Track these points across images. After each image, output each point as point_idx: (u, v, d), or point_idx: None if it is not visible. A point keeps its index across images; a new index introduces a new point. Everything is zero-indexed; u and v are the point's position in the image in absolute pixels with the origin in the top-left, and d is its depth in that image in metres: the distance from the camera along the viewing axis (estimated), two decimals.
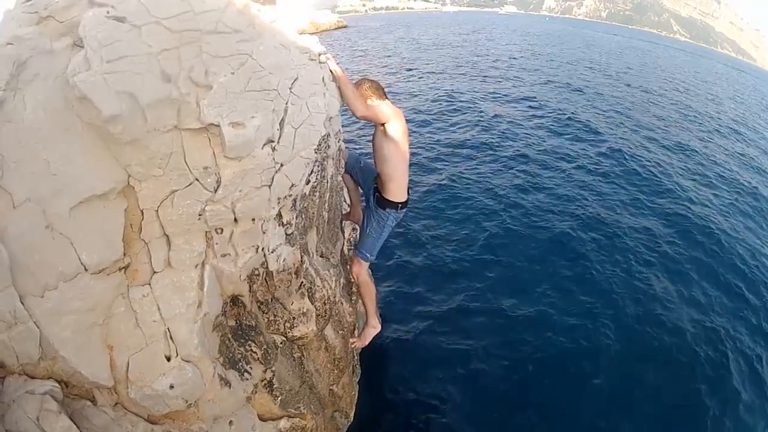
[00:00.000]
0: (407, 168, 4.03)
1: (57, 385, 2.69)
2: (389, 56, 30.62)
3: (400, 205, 4.08)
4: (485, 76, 25.09)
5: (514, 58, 33.54)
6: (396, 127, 3.85)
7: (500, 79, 25.02)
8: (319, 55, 3.74)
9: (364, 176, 4.35)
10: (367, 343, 4.71)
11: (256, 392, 3.39)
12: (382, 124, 3.86)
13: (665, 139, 16.98)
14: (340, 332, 4.34)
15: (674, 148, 16.06)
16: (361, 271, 4.41)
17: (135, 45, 2.95)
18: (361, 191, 4.61)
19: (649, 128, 18.47)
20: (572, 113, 18.41)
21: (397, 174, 3.97)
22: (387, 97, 4.03)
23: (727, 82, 43.78)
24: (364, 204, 4.54)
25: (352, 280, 4.70)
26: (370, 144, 4.12)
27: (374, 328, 4.69)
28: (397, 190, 4.01)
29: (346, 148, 4.38)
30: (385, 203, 4.07)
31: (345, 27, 56.67)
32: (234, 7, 3.33)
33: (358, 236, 5.12)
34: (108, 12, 2.97)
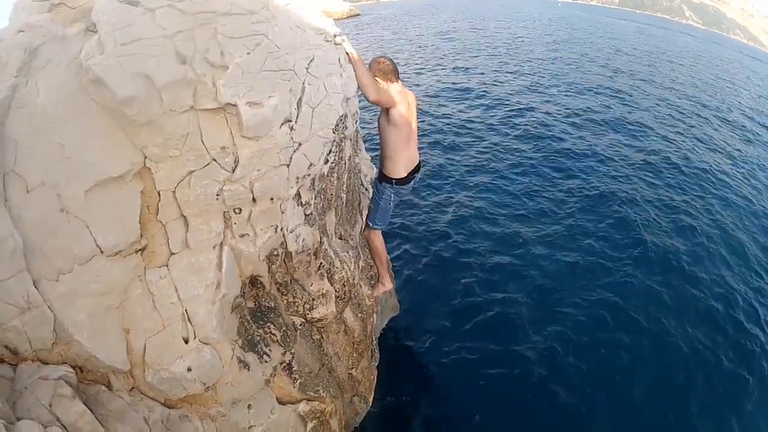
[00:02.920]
0: (408, 148, 3.90)
1: (71, 370, 2.44)
2: (402, 45, 29.09)
3: (395, 181, 3.94)
4: (498, 63, 23.77)
5: (525, 43, 31.57)
6: (400, 113, 3.67)
7: (511, 62, 24.03)
8: (335, 36, 3.43)
9: None
10: (375, 295, 4.70)
11: (275, 375, 3.12)
12: (387, 109, 3.67)
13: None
14: (360, 315, 4.05)
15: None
16: (370, 235, 4.40)
17: (149, 28, 2.68)
18: None
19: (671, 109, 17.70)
20: (589, 103, 17.42)
21: (395, 155, 3.86)
22: (398, 79, 3.80)
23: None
24: None
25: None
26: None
27: (384, 286, 4.70)
28: (393, 167, 3.89)
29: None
30: (382, 177, 4.01)
31: (357, 15, 54.14)
32: None
33: None
34: None
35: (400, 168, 3.90)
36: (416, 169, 4.06)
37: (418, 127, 4.07)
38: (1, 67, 2.45)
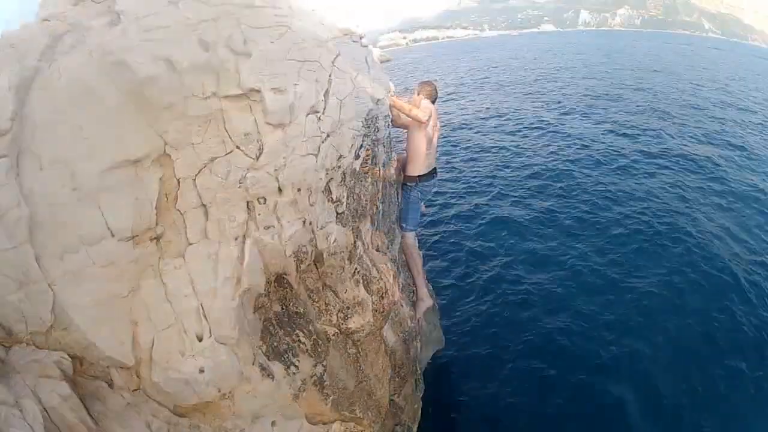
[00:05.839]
0: (429, 152, 4.45)
1: (67, 357, 2.17)
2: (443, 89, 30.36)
3: (418, 179, 4.44)
4: (536, 96, 23.46)
5: (559, 75, 31.06)
6: (428, 128, 4.27)
7: (545, 89, 24.10)
8: (361, 37, 3.47)
9: None
10: (418, 316, 4.63)
11: (304, 390, 2.70)
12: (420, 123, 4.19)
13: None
14: (401, 335, 3.62)
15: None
16: (405, 238, 4.62)
17: (172, 16, 2.79)
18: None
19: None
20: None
21: (417, 157, 4.37)
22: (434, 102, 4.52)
23: None
24: None
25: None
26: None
27: (423, 301, 4.73)
28: (414, 167, 4.41)
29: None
30: (405, 179, 4.50)
31: (389, 61, 56.30)
32: None
33: None
34: None
35: (420, 167, 4.41)
36: (434, 171, 4.63)
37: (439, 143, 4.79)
38: (24, 50, 2.52)
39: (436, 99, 4.57)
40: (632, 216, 9.74)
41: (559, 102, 21.50)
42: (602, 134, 15.54)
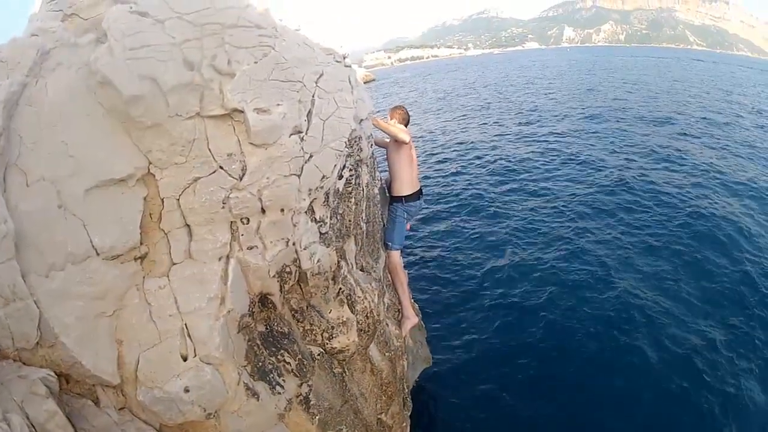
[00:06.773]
0: (412, 172, 4.70)
1: (53, 374, 2.24)
2: (424, 102, 31.14)
3: (404, 199, 4.67)
4: (512, 115, 24.25)
5: (538, 94, 32.35)
6: (409, 146, 4.59)
7: (521, 113, 24.49)
8: (344, 57, 3.61)
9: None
10: (404, 334, 4.76)
11: (290, 409, 2.78)
12: (401, 143, 4.51)
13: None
14: (387, 354, 3.72)
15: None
16: (390, 256, 4.72)
17: (157, 36, 2.88)
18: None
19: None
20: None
21: (400, 175, 4.65)
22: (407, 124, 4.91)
23: None
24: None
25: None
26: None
27: (408, 319, 4.81)
28: (399, 186, 4.67)
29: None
30: (391, 198, 4.77)
31: (374, 80, 57.19)
32: (254, 9, 3.29)
33: None
34: (131, 7, 2.94)
35: (405, 187, 4.66)
36: (420, 192, 4.84)
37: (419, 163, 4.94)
38: (13, 65, 2.62)
39: (408, 122, 4.91)
40: (616, 225, 10.16)
41: (536, 117, 22.46)
42: (585, 147, 16.19)
